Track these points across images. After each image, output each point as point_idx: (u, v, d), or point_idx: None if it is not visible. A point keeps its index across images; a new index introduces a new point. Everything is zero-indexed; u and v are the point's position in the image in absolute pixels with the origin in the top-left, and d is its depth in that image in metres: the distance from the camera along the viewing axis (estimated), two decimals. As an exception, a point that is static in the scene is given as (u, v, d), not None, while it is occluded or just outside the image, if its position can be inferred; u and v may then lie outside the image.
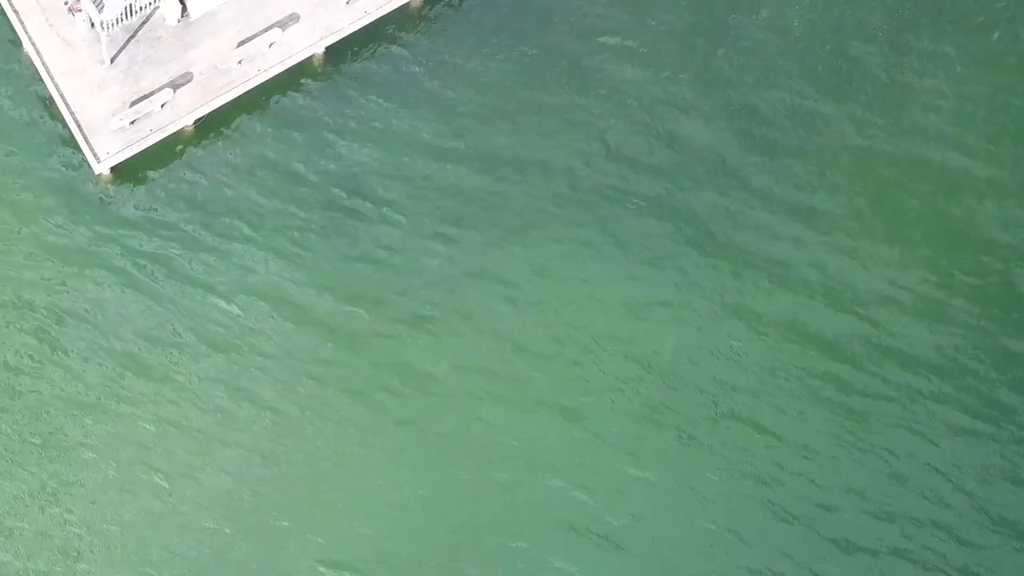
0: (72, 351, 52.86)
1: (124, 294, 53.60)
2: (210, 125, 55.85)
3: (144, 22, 55.73)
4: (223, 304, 53.78)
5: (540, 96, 57.36)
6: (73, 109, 54.49)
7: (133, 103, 54.69)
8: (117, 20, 54.42)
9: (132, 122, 54.40)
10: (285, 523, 51.41)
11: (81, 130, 54.29)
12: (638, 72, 57.76)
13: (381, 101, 56.71)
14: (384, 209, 55.28)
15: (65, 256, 53.90)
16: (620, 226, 55.45)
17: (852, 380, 53.65)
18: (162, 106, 54.78)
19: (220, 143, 55.87)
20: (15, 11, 55.56)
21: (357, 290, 54.14)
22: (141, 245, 54.19)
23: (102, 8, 53.79)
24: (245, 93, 55.94)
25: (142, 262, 53.95)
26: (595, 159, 56.41)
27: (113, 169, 54.67)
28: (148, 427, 52.20)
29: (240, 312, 53.69)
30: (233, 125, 56.08)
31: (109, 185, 54.79)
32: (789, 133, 56.93)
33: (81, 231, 54.20)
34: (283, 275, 54.19)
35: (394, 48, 57.69)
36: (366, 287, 54.17)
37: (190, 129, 55.50)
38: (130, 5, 54.34)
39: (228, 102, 55.77)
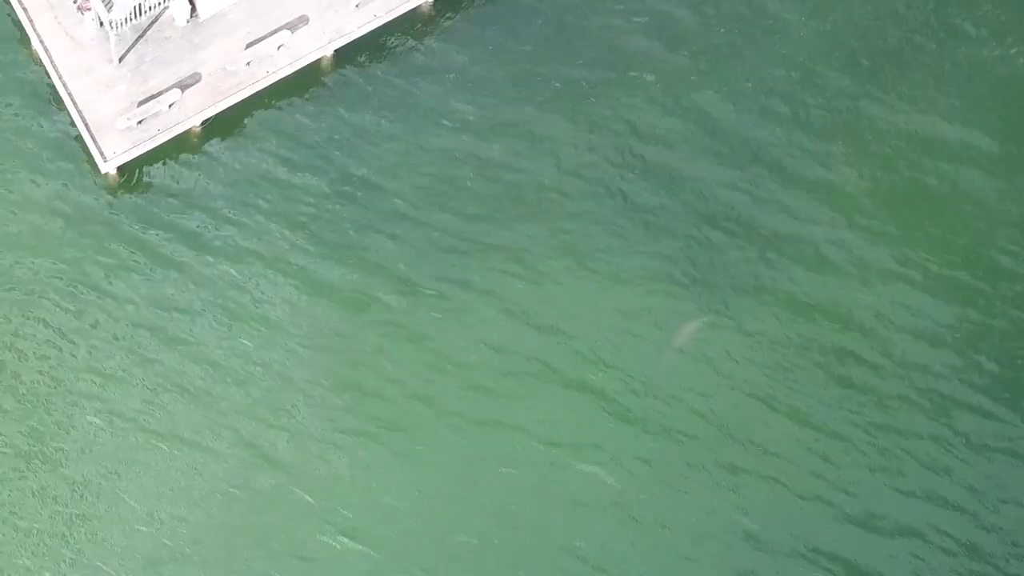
0: (74, 354, 52.71)
1: (127, 294, 53.38)
2: (218, 126, 55.67)
3: (153, 22, 55.58)
4: (229, 305, 53.59)
5: (553, 98, 57.28)
6: (80, 108, 54.32)
7: (141, 103, 54.52)
8: (126, 19, 54.29)
9: (139, 122, 54.24)
10: (308, 498, 51.56)
11: (88, 129, 54.11)
12: (659, 52, 58.00)
13: (390, 103, 56.55)
14: (395, 209, 55.08)
15: (69, 255, 53.65)
16: (637, 204, 55.57)
17: (873, 359, 53.80)
18: (170, 106, 54.62)
19: (228, 144, 55.67)
20: (24, 8, 55.42)
21: (369, 293, 53.97)
22: (146, 245, 53.96)
23: (111, 7, 53.65)
24: (253, 94, 55.78)
25: (146, 262, 53.72)
26: (613, 151, 56.45)
27: (120, 168, 54.49)
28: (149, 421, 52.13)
29: (246, 312, 53.51)
30: (241, 126, 55.90)
31: (115, 184, 54.60)
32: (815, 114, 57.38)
33: (86, 230, 53.97)
34: (290, 275, 53.96)
35: (404, 51, 57.54)
36: (377, 290, 54.01)
37: (198, 130, 55.33)
38: (139, 5, 54.19)
39: (236, 103, 55.58)
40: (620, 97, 57.54)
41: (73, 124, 54.71)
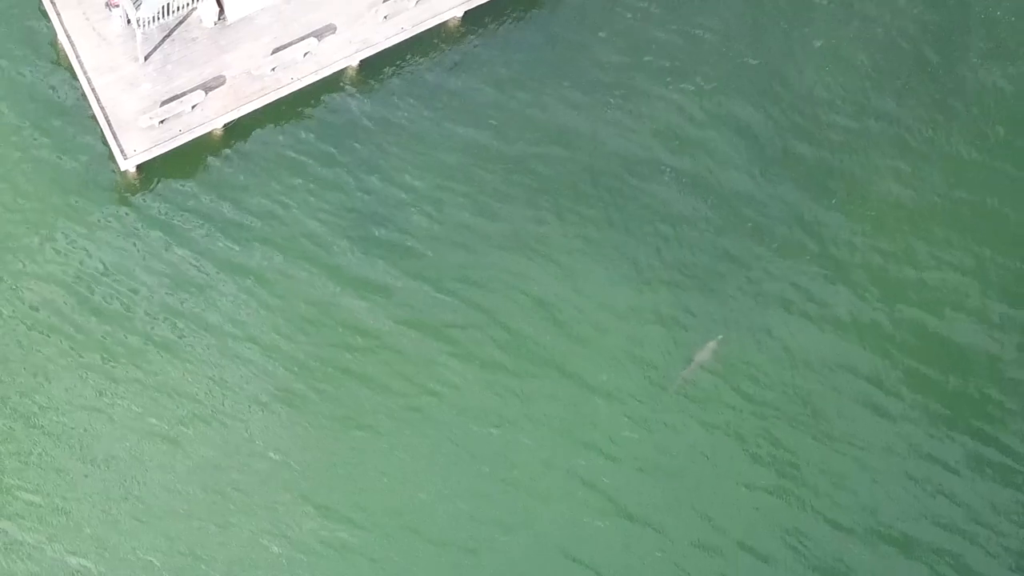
0: (85, 346, 52.60)
1: (140, 292, 53.25)
2: (239, 130, 55.57)
3: (180, 22, 55.52)
4: (240, 309, 53.47)
5: (581, 110, 57.30)
6: (103, 104, 54.21)
7: (164, 102, 54.42)
8: (153, 18, 54.23)
9: (162, 121, 54.12)
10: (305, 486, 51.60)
11: (110, 126, 53.99)
12: (693, 62, 58.46)
13: (413, 116, 56.46)
14: (414, 218, 55.00)
15: (84, 250, 53.52)
16: (661, 213, 55.83)
17: (893, 386, 54.02)
18: (193, 107, 54.52)
19: (248, 148, 55.55)
20: (52, 3, 55.35)
21: (385, 291, 53.97)
22: (161, 244, 53.85)
23: (139, 5, 53.61)
24: (277, 100, 55.68)
25: (159, 262, 53.62)
26: (638, 159, 56.61)
27: (139, 167, 54.37)
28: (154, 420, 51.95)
29: (258, 316, 53.38)
30: (263, 131, 55.78)
31: (134, 182, 54.48)
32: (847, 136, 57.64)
33: (102, 226, 53.88)
34: (305, 276, 53.89)
35: (429, 65, 57.45)
36: (394, 288, 54.02)
37: (219, 132, 55.22)
38: (167, 4, 54.14)
39: (259, 108, 55.48)
40: (650, 106, 57.53)
41: (95, 120, 54.56)
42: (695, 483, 52.42)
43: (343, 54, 56.29)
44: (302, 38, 56.08)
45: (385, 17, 56.73)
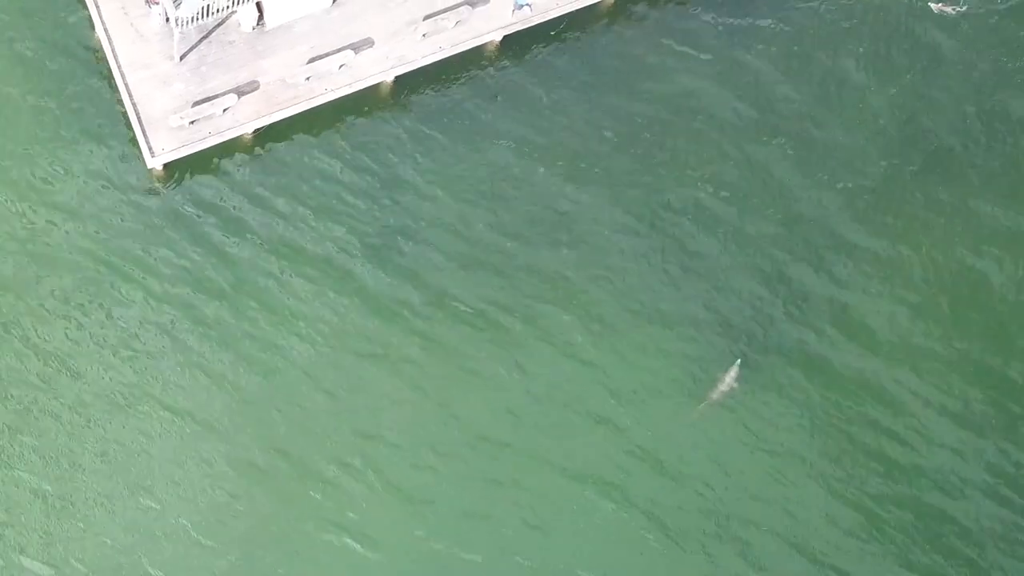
0: (106, 341, 52.56)
1: (159, 292, 53.04)
2: (268, 137, 55.36)
3: (219, 24, 55.38)
4: (258, 315, 53.29)
5: (614, 141, 57.11)
6: (135, 101, 54.05)
7: (196, 103, 54.23)
8: (192, 18, 54.06)
9: (192, 122, 53.94)
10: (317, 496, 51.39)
11: (140, 123, 53.82)
12: (732, 104, 58.41)
13: (444, 135, 56.16)
14: (439, 235, 54.82)
15: (104, 247, 53.33)
16: (685, 249, 55.77)
17: (906, 436, 53.95)
18: (224, 111, 54.33)
19: (276, 156, 55.34)
20: (93, -5, 55.41)
21: (406, 304, 53.73)
22: (182, 245, 53.66)
23: (179, 5, 53.45)
24: (308, 110, 55.44)
25: (181, 262, 53.40)
26: (668, 194, 56.48)
27: (165, 166, 54.17)
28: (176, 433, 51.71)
29: (276, 322, 53.19)
30: (291, 140, 55.56)
31: (159, 181, 54.30)
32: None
33: (124, 224, 53.68)
34: (327, 284, 53.71)
35: (465, 87, 57.18)
36: (414, 302, 53.73)
37: (248, 137, 55.02)
38: (207, 5, 53.96)
39: (290, 116, 55.26)
40: (687, 145, 57.32)
41: (125, 116, 54.40)
42: (718, 515, 52.53)
43: (379, 69, 56.06)
44: (339, 50, 55.88)
45: (424, 35, 56.51)
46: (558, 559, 51.37)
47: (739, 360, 53.71)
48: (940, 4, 59.82)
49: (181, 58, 54.87)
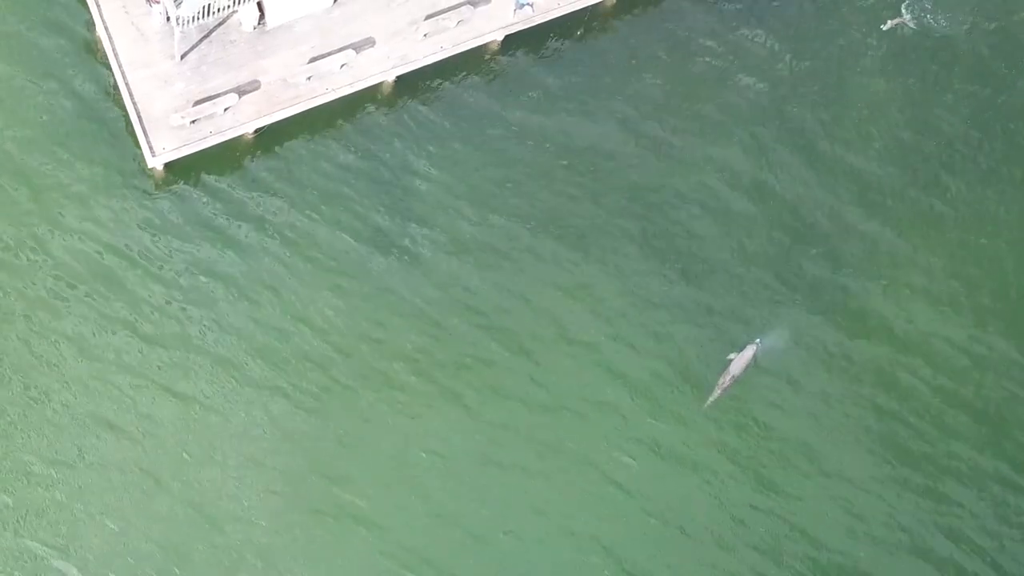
0: (106, 348, 52.41)
1: (160, 290, 52.96)
2: (269, 136, 55.25)
3: (220, 23, 55.27)
4: (257, 311, 53.24)
5: (617, 138, 57.22)
6: (136, 100, 53.94)
7: (197, 102, 54.12)
8: (193, 18, 53.96)
9: (193, 121, 53.82)
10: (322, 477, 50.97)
11: (141, 122, 53.70)
12: (742, 104, 58.66)
13: (445, 135, 56.13)
14: (439, 231, 54.83)
15: (104, 246, 53.23)
16: (694, 238, 56.03)
17: (918, 424, 54.16)
18: (225, 110, 54.22)
19: (277, 155, 55.24)
20: (94, -6, 55.29)
21: (408, 304, 53.76)
22: (183, 244, 53.55)
23: (180, 3, 53.34)
24: (310, 109, 55.34)
25: (180, 261, 53.30)
26: (680, 188, 56.69)
27: (166, 165, 54.05)
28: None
29: (277, 319, 53.16)
30: (293, 140, 55.46)
31: (160, 180, 54.17)
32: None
33: (125, 223, 53.54)
34: (331, 284, 53.69)
35: (466, 87, 57.14)
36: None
37: (249, 137, 54.92)
38: (208, 5, 53.86)
39: (291, 116, 55.17)
40: (693, 133, 57.54)
41: (126, 115, 54.29)
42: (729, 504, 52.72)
43: (380, 68, 55.97)
44: (340, 49, 55.79)
45: (425, 35, 56.42)
46: (564, 545, 51.46)
47: (757, 341, 53.93)
48: (892, 21, 60.03)
49: (182, 57, 54.77)
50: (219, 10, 54.42)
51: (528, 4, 57.30)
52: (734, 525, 52.25)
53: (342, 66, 55.62)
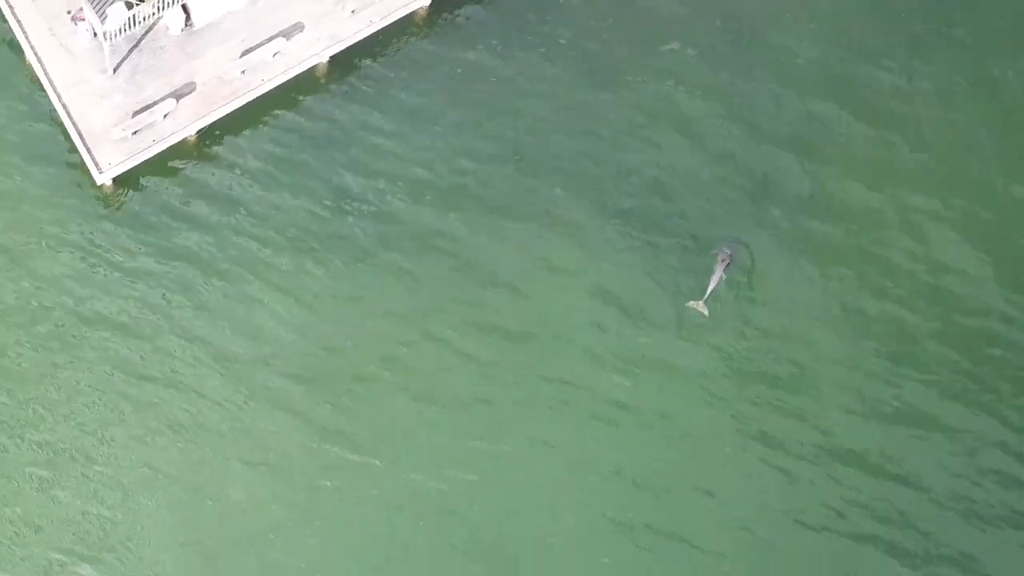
0: (71, 362, 52.79)
1: (123, 304, 53.31)
2: (213, 135, 55.53)
3: (147, 31, 55.40)
4: (228, 310, 53.68)
5: (553, 90, 57.39)
6: (75, 119, 54.19)
7: (135, 113, 54.36)
8: (120, 30, 54.03)
9: (134, 132, 54.07)
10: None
11: (83, 140, 53.97)
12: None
13: (386, 109, 56.47)
14: (393, 210, 55.14)
15: (65, 267, 53.56)
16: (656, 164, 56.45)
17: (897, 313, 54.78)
18: (165, 116, 54.45)
19: (224, 153, 55.56)
20: (18, 20, 55.26)
21: (372, 295, 54.06)
22: (142, 256, 53.87)
23: (105, 18, 53.42)
24: (249, 103, 55.57)
25: (143, 274, 53.65)
26: (613, 160, 56.62)
27: (115, 180, 54.33)
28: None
29: (245, 317, 53.59)
30: (237, 135, 55.76)
31: (111, 196, 54.44)
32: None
33: (81, 242, 53.87)
34: (292, 276, 54.07)
35: (400, 55, 57.36)
36: (380, 292, 54.07)
37: (193, 139, 55.16)
38: (133, 15, 53.95)
39: (231, 112, 55.39)
40: (647, 54, 57.94)
41: (68, 136, 54.52)
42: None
43: (312, 52, 56.16)
44: (270, 39, 55.95)
45: (352, 12, 56.56)
46: (570, 472, 52.24)
47: (728, 244, 54.57)
48: None
49: (114, 70, 54.95)
50: (144, 18, 54.51)
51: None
52: (735, 423, 52.92)
53: (274, 55, 55.81)
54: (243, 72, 55.40)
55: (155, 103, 54.58)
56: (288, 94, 56.22)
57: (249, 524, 51.22)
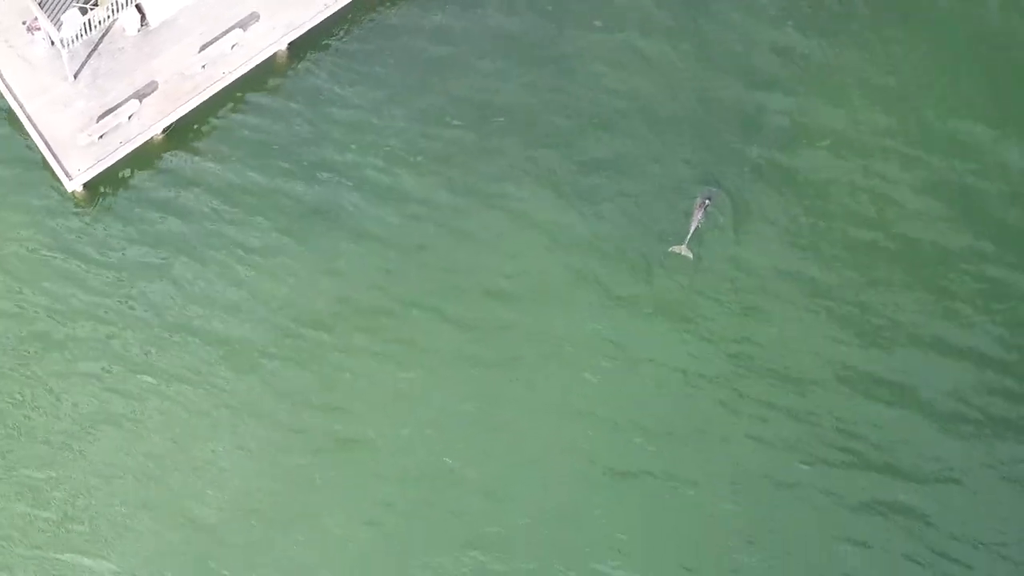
0: (50, 374, 52.96)
1: (105, 309, 53.45)
2: (180, 132, 55.56)
3: (104, 34, 55.39)
4: (209, 302, 53.83)
5: (516, 49, 57.61)
6: (40, 129, 54.18)
7: (100, 117, 54.38)
8: (77, 36, 54.01)
9: (101, 136, 54.11)
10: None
11: (50, 149, 53.98)
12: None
13: (348, 89, 56.51)
14: (365, 192, 55.18)
15: (44, 278, 53.65)
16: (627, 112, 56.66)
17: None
18: (129, 117, 54.50)
19: (192, 148, 55.55)
20: (-27, 36, 55.36)
21: (352, 267, 54.26)
22: (120, 259, 53.97)
23: (60, 26, 53.40)
24: (212, 97, 55.63)
25: (121, 276, 53.75)
26: (583, 127, 56.72)
27: (86, 185, 54.37)
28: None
29: (227, 307, 53.78)
30: (203, 129, 55.79)
31: (84, 201, 54.51)
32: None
33: (57, 251, 53.93)
34: (263, 285, 54.08)
35: (358, 37, 57.35)
36: (361, 274, 54.21)
37: (160, 138, 55.21)
38: (88, 20, 53.92)
39: (196, 107, 55.44)
40: (596, 40, 57.87)
41: (34, 146, 54.46)
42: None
43: (270, 40, 56.20)
44: (227, 31, 55.98)
45: (306, -3, 56.67)
46: (565, 426, 52.50)
47: (705, 187, 54.83)
48: None
49: (75, 76, 54.95)
50: (100, 22, 54.49)
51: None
52: (730, 363, 53.19)
53: (233, 47, 55.85)
54: (203, 67, 55.44)
55: (119, 105, 54.60)
56: (251, 84, 56.23)
57: (247, 503, 51.47)
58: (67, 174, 53.83)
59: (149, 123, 54.69)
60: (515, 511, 51.40)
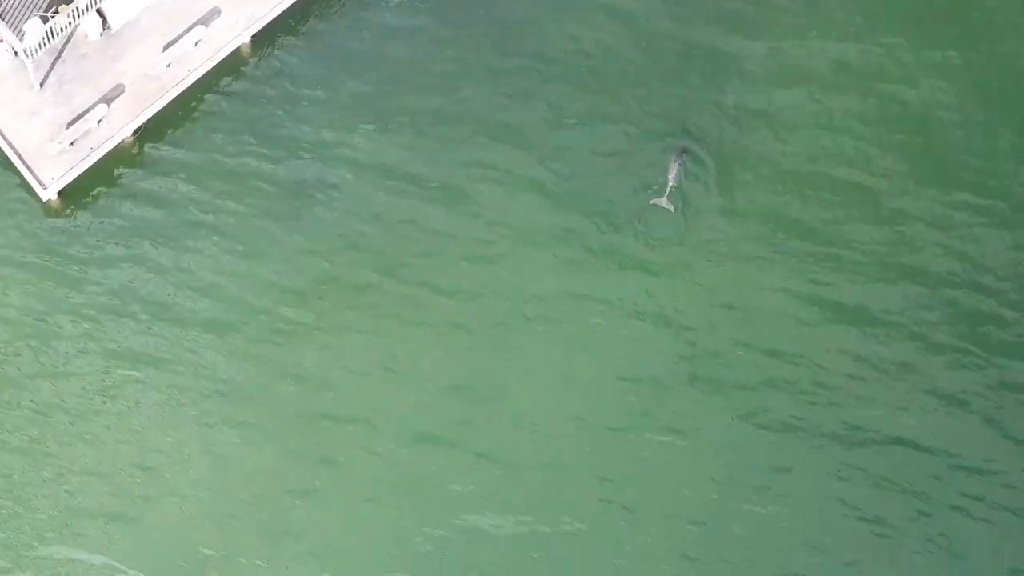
0: (37, 374, 53.01)
1: (89, 314, 53.58)
2: (151, 133, 55.62)
3: (67, 41, 55.43)
4: (195, 292, 54.01)
5: (483, 13, 57.83)
6: (10, 140, 54.23)
7: (69, 124, 54.42)
8: (40, 45, 54.03)
9: (71, 143, 54.16)
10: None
11: (22, 159, 54.04)
12: None
13: (316, 77, 56.56)
14: (341, 161, 55.40)
15: (24, 290, 53.73)
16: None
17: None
18: (98, 122, 54.54)
19: (164, 148, 55.61)
20: (-65, 52, 55.37)
21: (333, 245, 54.46)
22: (100, 264, 54.07)
23: (22, 36, 53.44)
24: (179, 95, 55.67)
25: (102, 281, 53.86)
26: (553, 110, 56.75)
27: (61, 193, 54.42)
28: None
29: (214, 296, 53.98)
30: (174, 128, 55.83)
31: (60, 210, 54.54)
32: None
33: (35, 261, 54.01)
34: (247, 270, 54.24)
35: (322, 25, 57.38)
36: (341, 241, 54.52)
37: (131, 140, 55.27)
38: (51, 28, 53.94)
39: (164, 107, 55.49)
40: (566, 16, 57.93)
41: (5, 158, 54.51)
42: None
43: (233, 34, 56.22)
44: (189, 28, 55.99)
45: (266, -12, 56.67)
46: (547, 388, 52.70)
47: (681, 142, 54.99)
48: None
49: (41, 85, 54.98)
50: (62, 29, 54.50)
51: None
52: (726, 313, 53.35)
53: (196, 44, 55.87)
54: (168, 66, 55.48)
55: (87, 111, 54.65)
56: (217, 79, 56.28)
57: (243, 488, 51.70)
58: (41, 184, 53.88)
59: (119, 126, 54.74)
60: (512, 475, 51.66)
